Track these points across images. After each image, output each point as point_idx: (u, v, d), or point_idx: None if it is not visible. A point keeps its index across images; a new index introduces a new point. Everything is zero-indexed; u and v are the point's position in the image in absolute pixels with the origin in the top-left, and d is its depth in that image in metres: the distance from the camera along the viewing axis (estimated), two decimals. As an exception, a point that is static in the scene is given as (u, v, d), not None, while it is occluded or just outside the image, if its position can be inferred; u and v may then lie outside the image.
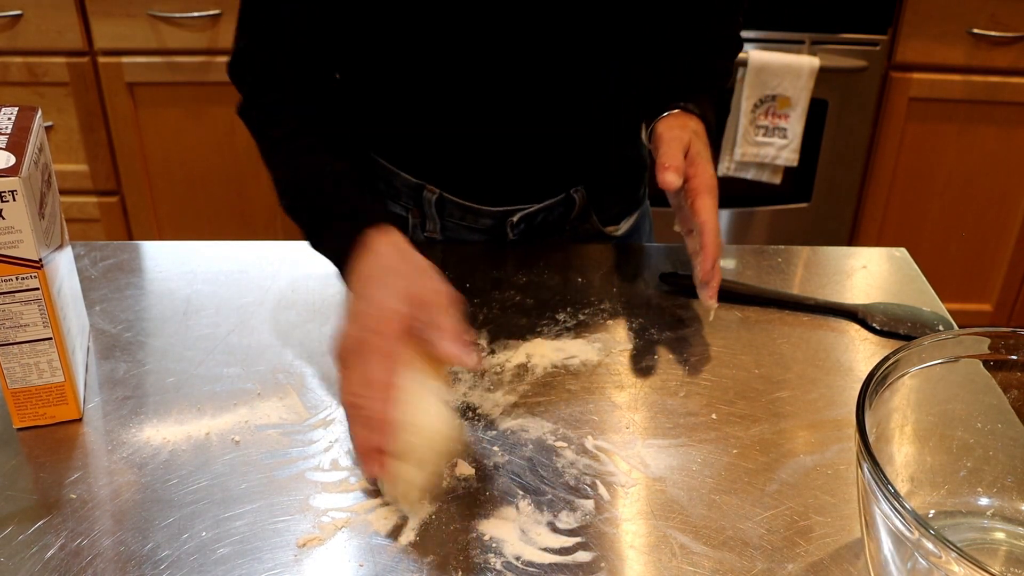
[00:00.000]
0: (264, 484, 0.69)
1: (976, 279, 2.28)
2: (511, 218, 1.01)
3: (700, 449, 0.74)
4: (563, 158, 1.00)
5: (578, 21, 0.89)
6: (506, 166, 0.98)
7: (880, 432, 0.64)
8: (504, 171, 0.98)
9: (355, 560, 0.63)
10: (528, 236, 1.04)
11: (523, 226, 1.02)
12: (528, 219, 1.02)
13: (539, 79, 0.91)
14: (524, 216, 1.01)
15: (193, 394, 0.79)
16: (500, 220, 1.01)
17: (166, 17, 1.97)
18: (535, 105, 0.93)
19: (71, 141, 2.09)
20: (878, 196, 2.18)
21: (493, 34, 0.87)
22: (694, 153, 0.85)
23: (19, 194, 0.66)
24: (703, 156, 0.86)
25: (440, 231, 1.02)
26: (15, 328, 0.70)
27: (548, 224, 1.03)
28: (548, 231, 1.04)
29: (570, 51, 0.90)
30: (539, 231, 1.04)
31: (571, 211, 1.03)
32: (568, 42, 0.89)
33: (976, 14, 1.98)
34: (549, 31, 0.88)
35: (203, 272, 0.96)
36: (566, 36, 0.89)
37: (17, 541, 0.64)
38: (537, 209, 1.02)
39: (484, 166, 0.98)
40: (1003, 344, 0.66)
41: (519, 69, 0.90)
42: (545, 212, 1.02)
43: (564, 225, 1.05)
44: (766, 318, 0.91)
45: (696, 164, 0.84)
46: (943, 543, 0.49)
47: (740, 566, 0.63)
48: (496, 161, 0.97)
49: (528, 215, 1.01)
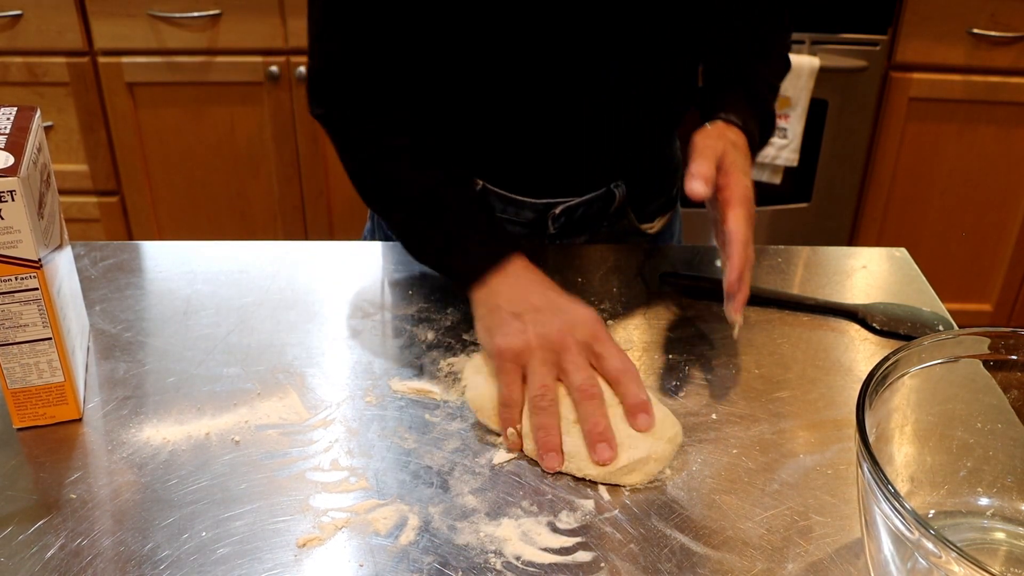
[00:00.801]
0: (264, 484, 0.69)
1: (976, 279, 2.28)
2: (553, 210, 1.02)
3: (700, 449, 0.74)
4: (606, 152, 1.00)
5: (627, 17, 0.89)
6: (550, 158, 0.98)
7: (880, 432, 0.64)
8: (548, 163, 0.99)
9: (355, 560, 0.63)
10: (568, 230, 1.04)
11: (564, 219, 1.03)
12: (569, 212, 1.02)
13: (586, 73, 0.91)
14: (565, 209, 1.02)
15: (193, 394, 0.79)
16: (542, 213, 1.02)
17: (166, 17, 1.97)
18: (581, 98, 0.93)
19: (71, 141, 2.09)
20: (878, 196, 2.18)
21: (543, 28, 0.87)
22: (728, 163, 0.83)
23: (18, 194, 0.66)
24: (737, 166, 0.83)
25: None
26: (15, 328, 0.70)
27: (588, 218, 1.04)
28: (587, 225, 1.05)
29: (618, 46, 0.90)
30: (579, 225, 1.04)
31: (610, 206, 1.04)
32: (616, 37, 0.90)
33: (976, 14, 1.98)
34: (599, 26, 0.88)
35: (203, 272, 0.96)
36: (616, 31, 0.89)
37: (17, 541, 0.64)
38: (578, 203, 1.02)
39: (528, 158, 0.99)
40: (1003, 344, 0.65)
41: (567, 62, 0.90)
42: (586, 206, 1.03)
43: (602, 220, 1.05)
44: (766, 318, 0.91)
45: (729, 175, 0.82)
46: (943, 543, 0.49)
47: (740, 566, 0.63)
48: (540, 153, 0.98)
49: (569, 208, 1.02)
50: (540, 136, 0.96)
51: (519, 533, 0.65)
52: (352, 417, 0.76)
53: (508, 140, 0.97)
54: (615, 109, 0.96)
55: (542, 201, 1.01)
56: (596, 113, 0.95)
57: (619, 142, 1.00)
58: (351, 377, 0.81)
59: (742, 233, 0.79)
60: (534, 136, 0.96)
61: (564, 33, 0.88)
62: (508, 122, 0.95)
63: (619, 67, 0.92)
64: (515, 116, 0.94)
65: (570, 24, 0.87)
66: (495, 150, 0.98)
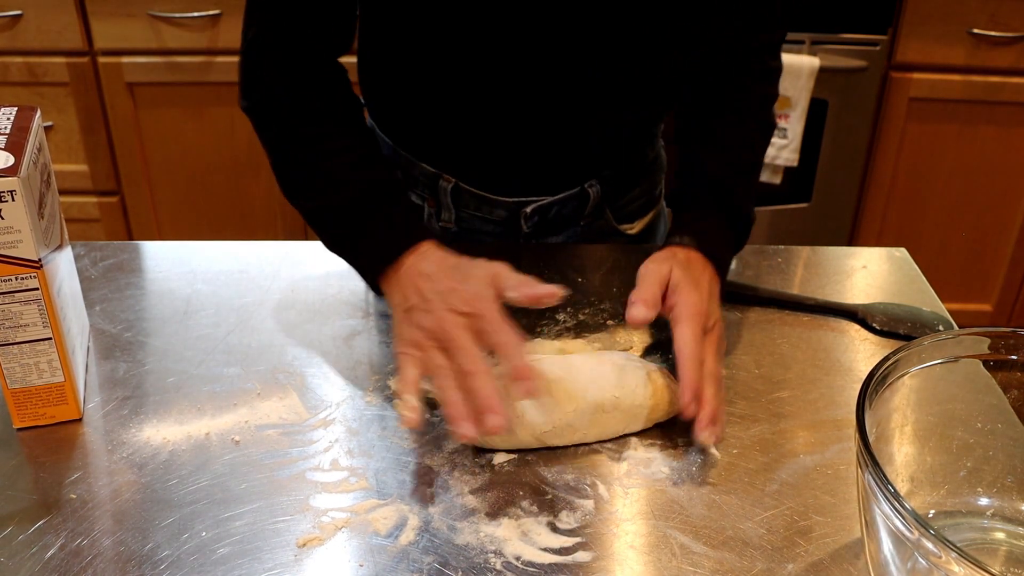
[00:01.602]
0: (264, 484, 0.69)
1: (976, 279, 2.28)
2: (524, 209, 1.01)
3: (700, 449, 0.74)
4: (578, 151, 0.99)
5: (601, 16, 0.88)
6: (521, 157, 0.98)
7: (880, 432, 0.64)
8: (518, 162, 0.98)
9: (355, 560, 0.63)
10: (542, 229, 1.04)
11: (536, 219, 1.02)
12: (542, 211, 1.02)
13: (558, 71, 0.90)
14: (538, 208, 1.01)
15: (193, 394, 0.79)
16: (514, 212, 1.01)
17: (166, 17, 1.97)
18: (553, 97, 0.92)
19: (71, 141, 2.09)
20: (878, 196, 2.18)
21: (514, 26, 0.87)
22: (675, 282, 0.81)
23: (18, 194, 0.66)
24: (687, 282, 0.81)
25: (455, 221, 1.02)
26: (15, 328, 0.70)
27: (562, 218, 1.04)
28: (562, 225, 1.04)
29: (590, 45, 0.90)
30: (553, 225, 1.04)
31: (585, 206, 1.03)
32: (589, 36, 0.89)
33: (976, 14, 1.98)
34: (572, 25, 0.88)
35: (203, 272, 0.96)
36: (588, 30, 0.88)
37: (17, 541, 0.64)
38: (551, 202, 1.02)
39: (499, 156, 0.98)
40: (1003, 344, 0.66)
41: (539, 61, 0.89)
42: (559, 205, 1.02)
43: (578, 220, 1.05)
44: (766, 318, 0.91)
45: (677, 292, 0.80)
46: (943, 543, 0.49)
47: (740, 566, 0.63)
48: (511, 152, 0.97)
49: (542, 207, 1.02)
50: (510, 134, 0.95)
51: (519, 533, 0.65)
52: (352, 417, 0.76)
53: (477, 138, 0.96)
54: (587, 107, 0.94)
55: (514, 200, 1.01)
56: (567, 111, 0.94)
57: (592, 141, 0.99)
58: (351, 377, 0.81)
59: (689, 349, 0.76)
60: (504, 134, 0.95)
61: (534, 30, 0.87)
62: (477, 119, 0.94)
63: (591, 65, 0.91)
64: (484, 113, 0.93)
65: (541, 21, 0.86)
66: (465, 147, 0.98)
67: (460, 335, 0.71)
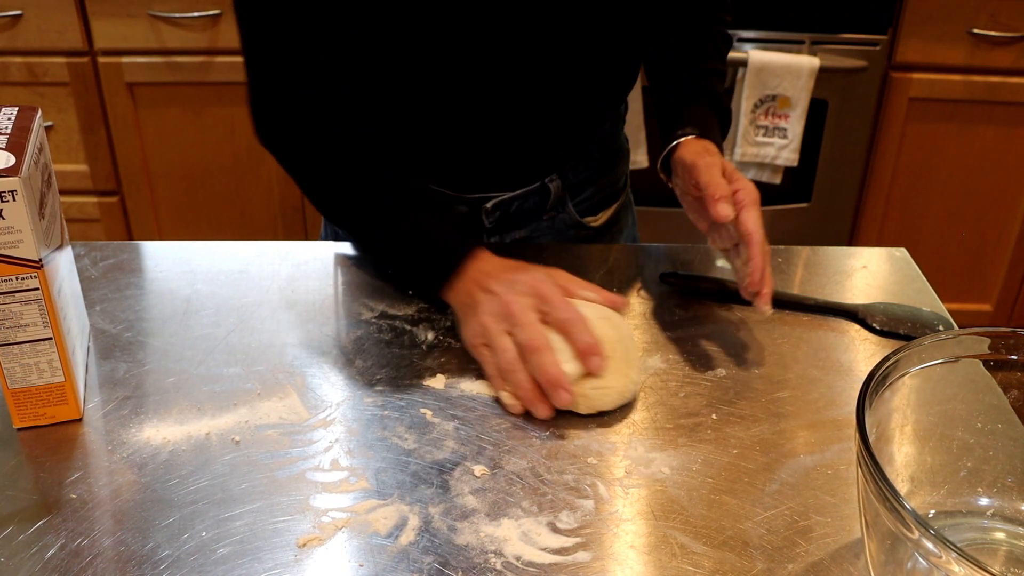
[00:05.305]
0: (264, 484, 0.69)
1: (976, 279, 2.28)
2: (485, 205, 1.01)
3: (700, 449, 0.74)
4: (537, 146, 1.00)
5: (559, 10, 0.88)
6: (481, 150, 0.98)
7: (880, 432, 0.64)
8: (477, 158, 0.99)
9: (355, 560, 0.63)
10: (504, 225, 1.04)
11: (498, 214, 1.02)
12: (503, 207, 1.02)
13: (515, 67, 0.91)
14: (498, 204, 1.02)
15: (193, 394, 0.79)
16: (475, 207, 1.02)
17: (166, 17, 1.97)
18: (510, 93, 0.93)
19: (71, 141, 2.09)
20: (878, 196, 2.18)
21: (471, 23, 0.87)
22: (731, 171, 0.88)
23: (19, 194, 0.66)
24: (733, 170, 0.88)
25: None
26: (15, 328, 0.70)
27: (524, 213, 1.04)
28: (524, 220, 1.05)
29: (548, 39, 0.90)
30: (515, 220, 1.04)
31: (547, 200, 1.04)
32: (546, 30, 0.89)
33: (976, 14, 1.98)
34: (529, 20, 0.88)
35: (203, 272, 0.96)
36: (545, 25, 0.89)
37: (17, 541, 0.64)
38: (511, 197, 1.02)
39: (456, 153, 0.98)
40: (1003, 344, 0.66)
41: (495, 57, 0.89)
42: (520, 200, 1.03)
43: (541, 215, 1.06)
44: (766, 318, 0.91)
45: (737, 180, 0.87)
46: (943, 543, 0.49)
47: (740, 566, 0.63)
48: (471, 146, 0.97)
49: (502, 203, 1.02)
50: (468, 129, 0.95)
51: (519, 533, 0.65)
52: (352, 417, 0.76)
53: (435, 133, 0.96)
54: (545, 100, 0.95)
55: (474, 196, 1.01)
56: (528, 93, 0.94)
57: (551, 134, 0.99)
58: (351, 377, 0.81)
59: (759, 233, 0.84)
60: (462, 129, 0.95)
61: (492, 23, 0.87)
62: (434, 114, 0.94)
63: (549, 57, 0.91)
64: (441, 108, 0.93)
65: (498, 13, 0.87)
66: (423, 143, 0.97)
67: (524, 313, 0.77)
